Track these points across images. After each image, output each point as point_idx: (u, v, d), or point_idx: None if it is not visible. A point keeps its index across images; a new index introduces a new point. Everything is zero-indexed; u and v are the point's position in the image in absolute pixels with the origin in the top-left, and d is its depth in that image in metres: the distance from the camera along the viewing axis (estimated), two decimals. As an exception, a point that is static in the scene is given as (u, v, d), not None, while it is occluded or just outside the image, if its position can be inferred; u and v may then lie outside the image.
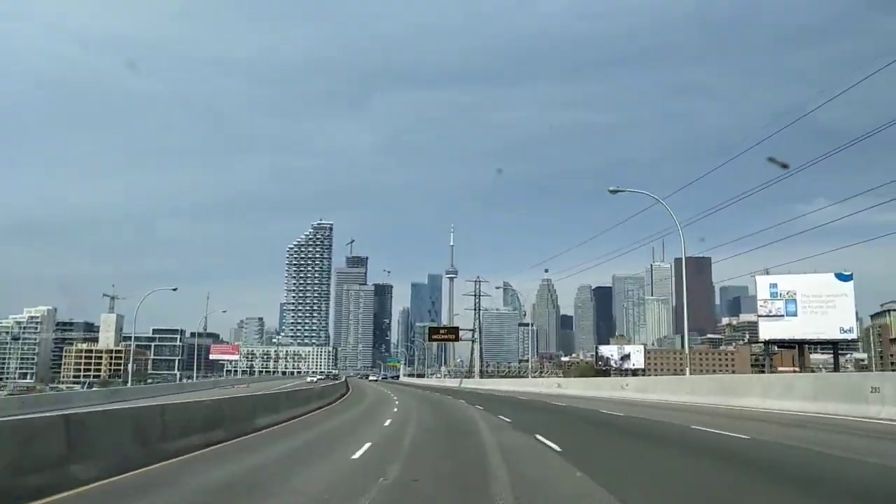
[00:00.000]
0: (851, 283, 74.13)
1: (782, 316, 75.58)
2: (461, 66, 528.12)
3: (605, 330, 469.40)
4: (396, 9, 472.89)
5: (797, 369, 74.38)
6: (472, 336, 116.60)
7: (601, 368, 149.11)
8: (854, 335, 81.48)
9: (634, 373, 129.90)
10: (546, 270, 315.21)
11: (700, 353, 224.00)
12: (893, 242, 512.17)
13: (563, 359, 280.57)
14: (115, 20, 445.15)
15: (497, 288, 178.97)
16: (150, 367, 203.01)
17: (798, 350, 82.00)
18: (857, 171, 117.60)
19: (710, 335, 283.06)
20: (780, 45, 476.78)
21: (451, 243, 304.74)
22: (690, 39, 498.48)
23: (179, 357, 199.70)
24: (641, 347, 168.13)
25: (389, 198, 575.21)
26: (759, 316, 78.98)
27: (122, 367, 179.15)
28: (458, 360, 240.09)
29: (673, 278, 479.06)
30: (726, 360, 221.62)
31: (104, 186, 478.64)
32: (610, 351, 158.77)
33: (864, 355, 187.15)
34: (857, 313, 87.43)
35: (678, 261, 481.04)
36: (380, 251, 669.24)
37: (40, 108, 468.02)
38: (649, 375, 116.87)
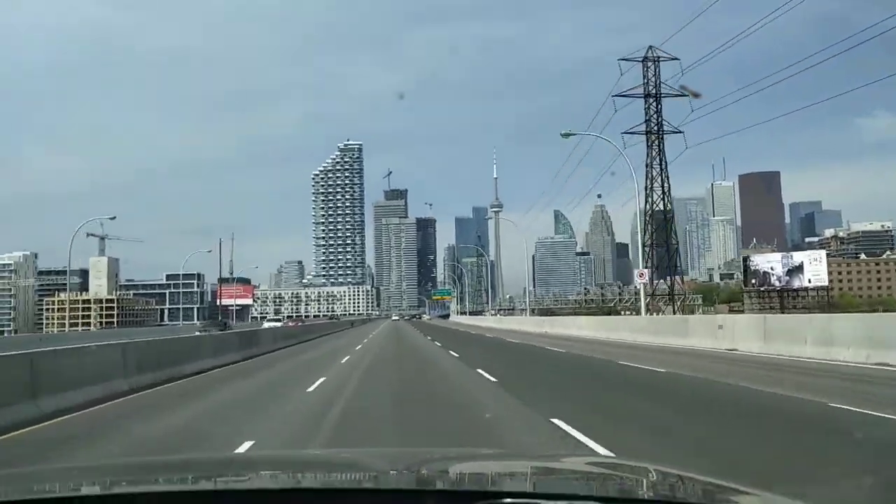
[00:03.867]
0: None
1: None
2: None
3: (665, 256, 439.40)
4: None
5: None
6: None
7: (756, 289, 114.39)
8: None
9: (815, 293, 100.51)
10: (599, 196, 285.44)
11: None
12: None
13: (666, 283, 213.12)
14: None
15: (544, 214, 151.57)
16: (165, 316, 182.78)
17: None
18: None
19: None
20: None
21: (495, 175, 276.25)
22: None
23: (199, 305, 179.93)
24: (821, 254, 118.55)
25: (423, 137, 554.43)
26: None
27: (114, 319, 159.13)
28: (508, 296, 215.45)
29: (737, 196, 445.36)
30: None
31: (125, 141, 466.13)
32: (767, 262, 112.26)
33: None
34: None
35: (743, 177, 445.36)
36: (420, 186, 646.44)
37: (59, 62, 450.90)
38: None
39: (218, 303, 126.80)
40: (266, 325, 60.65)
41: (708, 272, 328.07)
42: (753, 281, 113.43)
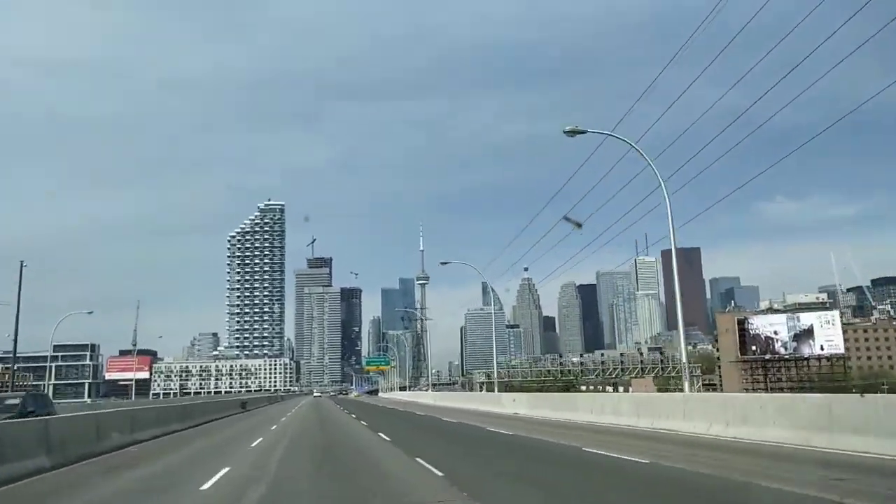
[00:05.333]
0: None
1: None
2: (415, 78, 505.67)
3: (592, 330, 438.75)
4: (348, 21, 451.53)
5: None
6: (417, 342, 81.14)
7: (760, 359, 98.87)
8: None
9: (828, 361, 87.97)
10: (526, 269, 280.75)
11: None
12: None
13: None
14: (52, 40, 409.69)
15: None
16: (51, 392, 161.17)
17: None
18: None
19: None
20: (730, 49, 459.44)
21: (421, 248, 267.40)
22: (640, 45, 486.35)
23: (91, 380, 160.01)
24: (834, 316, 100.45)
25: (349, 212, 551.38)
26: None
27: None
28: (435, 371, 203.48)
29: (661, 270, 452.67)
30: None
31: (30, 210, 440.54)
32: (770, 324, 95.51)
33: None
34: None
35: (665, 253, 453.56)
36: (344, 258, 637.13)
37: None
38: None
39: (104, 377, 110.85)
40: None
41: (636, 345, 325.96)
42: (753, 347, 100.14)
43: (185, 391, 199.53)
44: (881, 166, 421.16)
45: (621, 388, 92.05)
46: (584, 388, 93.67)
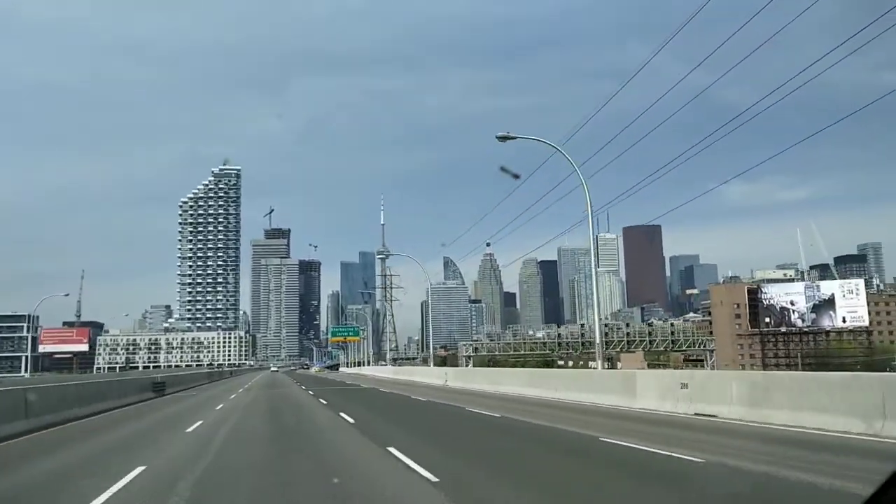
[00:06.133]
0: None
1: None
2: (377, 50, 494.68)
3: (552, 306, 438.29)
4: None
5: None
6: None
7: (774, 331, 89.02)
8: None
9: (850, 334, 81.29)
10: (488, 244, 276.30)
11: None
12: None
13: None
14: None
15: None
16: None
17: None
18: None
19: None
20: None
21: (382, 222, 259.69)
22: (604, 22, 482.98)
23: (29, 353, 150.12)
24: (859, 284, 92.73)
25: (309, 185, 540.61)
26: None
27: None
28: (394, 346, 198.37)
29: (621, 248, 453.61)
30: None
31: None
32: (786, 294, 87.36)
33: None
34: None
35: (627, 230, 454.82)
36: (303, 231, 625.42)
37: None
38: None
39: (35, 350, 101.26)
40: None
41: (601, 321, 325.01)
42: (767, 319, 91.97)
43: (132, 365, 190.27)
44: (831, 148, 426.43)
45: (596, 364, 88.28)
46: (560, 362, 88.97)
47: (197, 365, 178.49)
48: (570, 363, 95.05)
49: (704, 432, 12.01)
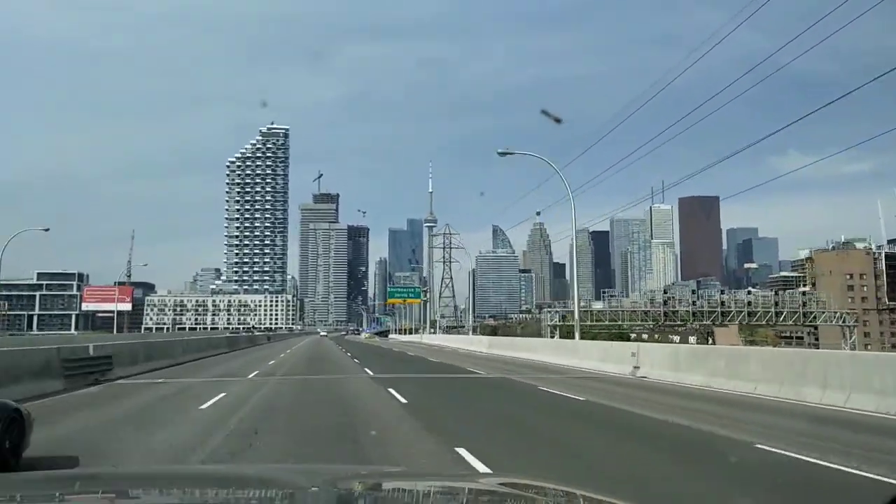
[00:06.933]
0: None
1: None
2: (429, 18, 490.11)
3: (603, 277, 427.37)
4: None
5: None
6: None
7: None
8: None
9: None
10: (538, 213, 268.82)
11: None
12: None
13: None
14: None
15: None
16: (34, 324, 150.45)
17: None
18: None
19: None
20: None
21: (430, 190, 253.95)
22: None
23: (78, 311, 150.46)
24: None
25: (357, 152, 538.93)
26: None
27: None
28: (441, 316, 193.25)
29: (676, 220, 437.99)
30: None
31: (39, 144, 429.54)
32: None
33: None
34: None
35: (683, 200, 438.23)
36: (352, 197, 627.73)
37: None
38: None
39: (80, 308, 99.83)
40: None
41: (650, 293, 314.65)
42: None
43: (179, 326, 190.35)
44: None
45: (687, 340, 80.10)
46: (633, 335, 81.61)
47: (245, 328, 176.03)
48: (645, 336, 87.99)
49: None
